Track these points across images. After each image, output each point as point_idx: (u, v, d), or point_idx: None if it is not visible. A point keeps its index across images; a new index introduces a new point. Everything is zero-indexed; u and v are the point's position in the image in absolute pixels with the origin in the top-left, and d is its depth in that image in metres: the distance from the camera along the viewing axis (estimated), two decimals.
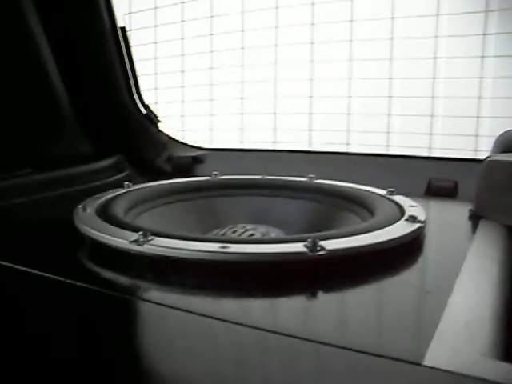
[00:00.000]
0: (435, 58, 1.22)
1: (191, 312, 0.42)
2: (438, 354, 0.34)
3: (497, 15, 1.14)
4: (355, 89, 1.32)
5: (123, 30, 1.11)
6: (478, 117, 1.23)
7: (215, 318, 0.40)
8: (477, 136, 1.26)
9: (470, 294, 0.46)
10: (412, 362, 0.33)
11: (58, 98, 1.05)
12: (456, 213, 0.78)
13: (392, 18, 1.23)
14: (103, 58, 1.11)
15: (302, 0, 1.31)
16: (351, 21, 1.27)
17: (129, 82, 1.15)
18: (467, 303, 0.43)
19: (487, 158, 0.72)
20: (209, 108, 1.48)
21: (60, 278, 0.48)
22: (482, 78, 1.19)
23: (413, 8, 1.21)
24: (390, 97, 1.29)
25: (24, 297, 0.47)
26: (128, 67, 1.14)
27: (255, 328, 0.39)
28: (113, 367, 0.35)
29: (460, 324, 0.39)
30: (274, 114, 1.41)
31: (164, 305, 0.44)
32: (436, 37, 1.20)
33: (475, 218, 0.71)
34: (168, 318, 0.43)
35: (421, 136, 1.30)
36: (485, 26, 1.16)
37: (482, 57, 1.17)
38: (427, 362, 0.33)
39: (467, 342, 0.36)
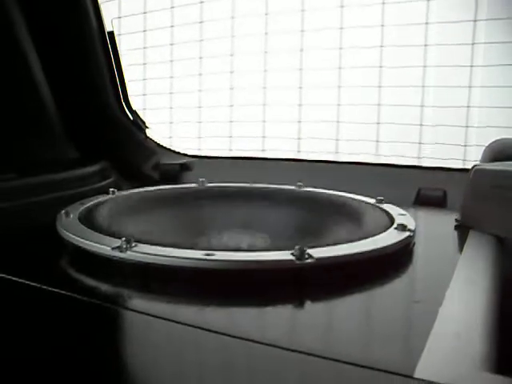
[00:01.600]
0: (425, 66, 1.22)
1: (175, 321, 0.40)
2: (429, 366, 0.33)
3: (485, 24, 1.14)
4: (344, 96, 1.32)
5: (111, 34, 1.10)
6: (466, 126, 1.22)
7: (200, 328, 0.39)
8: (466, 146, 1.26)
9: (460, 305, 0.45)
10: (403, 375, 0.32)
11: (45, 103, 1.04)
12: (445, 222, 0.77)
13: (382, 25, 1.23)
14: (91, 63, 1.10)
15: (292, 6, 1.31)
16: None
17: (117, 88, 1.14)
18: (458, 314, 0.42)
19: (474, 166, 0.71)
20: (197, 115, 1.47)
21: (40, 286, 0.47)
22: (470, 86, 1.19)
23: (404, 15, 1.21)
24: (379, 105, 1.28)
25: (3, 304, 0.45)
26: (116, 73, 1.13)
27: (241, 338, 0.38)
28: (94, 376, 0.33)
29: (451, 335, 0.38)
30: (264, 121, 1.41)
31: (147, 313, 0.42)
32: (425, 45, 1.20)
33: (462, 227, 0.70)
34: (151, 327, 0.41)
35: (409, 145, 1.29)
36: (473, 34, 1.16)
37: (471, 66, 1.17)
38: (418, 374, 0.32)
39: (459, 354, 0.35)
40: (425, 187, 0.92)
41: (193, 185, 0.88)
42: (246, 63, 1.40)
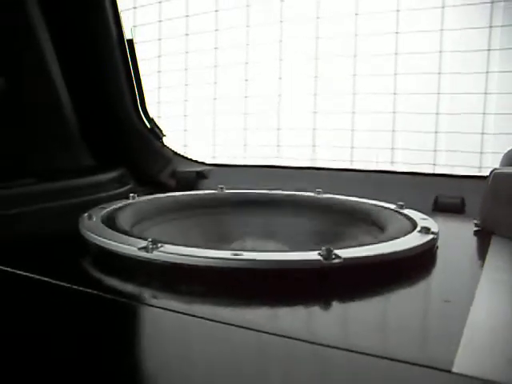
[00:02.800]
0: (440, 73, 1.22)
1: (206, 319, 0.40)
2: (466, 361, 0.33)
3: (501, 30, 1.14)
4: (359, 104, 1.32)
5: (130, 42, 1.10)
6: (482, 133, 1.22)
7: (232, 325, 0.39)
8: (481, 153, 1.25)
9: (492, 303, 0.44)
10: (441, 369, 0.32)
11: (64, 110, 1.05)
12: (465, 227, 0.77)
13: (396, 32, 1.23)
14: (110, 70, 1.10)
15: (306, 14, 1.31)
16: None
17: (135, 96, 1.15)
18: (490, 311, 0.42)
19: (493, 170, 0.71)
20: (211, 123, 1.47)
21: (70, 285, 0.47)
22: (486, 93, 1.19)
23: (418, 22, 1.21)
24: (394, 112, 1.28)
25: (34, 304, 0.45)
26: (134, 81, 1.13)
27: (276, 335, 0.37)
28: (125, 374, 0.33)
29: (485, 332, 0.38)
30: (278, 129, 1.41)
31: (176, 311, 0.42)
32: (440, 52, 1.20)
33: (481, 231, 0.70)
34: (180, 325, 0.41)
35: (425, 152, 1.29)
36: (489, 40, 1.16)
37: (487, 72, 1.17)
38: (456, 368, 0.32)
39: (495, 350, 0.35)
40: (442, 194, 0.91)
41: (213, 191, 0.88)
42: (261, 71, 1.41)
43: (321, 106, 1.36)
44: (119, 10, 1.06)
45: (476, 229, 0.72)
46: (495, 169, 0.71)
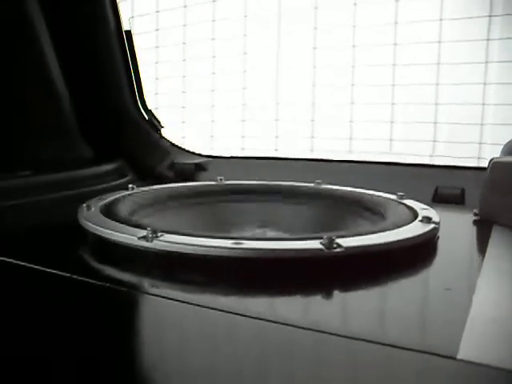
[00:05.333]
0: (438, 63, 1.21)
1: (207, 307, 0.40)
2: (471, 348, 0.32)
3: (500, 20, 1.14)
4: (358, 95, 1.31)
5: (128, 33, 1.10)
6: (482, 124, 1.22)
7: (235, 314, 0.39)
8: (480, 143, 1.25)
9: (494, 291, 0.44)
10: (446, 356, 0.32)
11: (62, 101, 1.04)
12: (465, 217, 0.77)
13: (396, 22, 1.22)
14: (108, 62, 1.10)
15: (304, 4, 1.31)
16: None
17: (133, 87, 1.14)
18: (493, 300, 0.42)
19: (492, 159, 0.71)
20: (210, 114, 1.47)
21: (67, 275, 0.47)
22: (485, 83, 1.18)
23: (418, 11, 1.20)
24: (393, 104, 1.28)
25: (34, 294, 0.45)
26: (132, 72, 1.13)
27: (279, 323, 0.37)
28: (126, 362, 0.33)
29: (489, 319, 0.38)
30: (276, 120, 1.40)
31: (176, 300, 0.42)
32: (439, 42, 1.20)
33: (482, 221, 0.70)
34: (181, 313, 0.41)
35: (423, 143, 1.29)
36: (488, 30, 1.15)
37: (486, 62, 1.16)
38: (461, 355, 0.31)
39: (500, 336, 0.35)
40: (442, 185, 0.91)
41: (212, 182, 0.88)
42: (259, 62, 1.40)
43: (319, 96, 1.35)
44: (117, 1, 1.06)
45: (476, 218, 0.71)
46: (494, 158, 0.71)
